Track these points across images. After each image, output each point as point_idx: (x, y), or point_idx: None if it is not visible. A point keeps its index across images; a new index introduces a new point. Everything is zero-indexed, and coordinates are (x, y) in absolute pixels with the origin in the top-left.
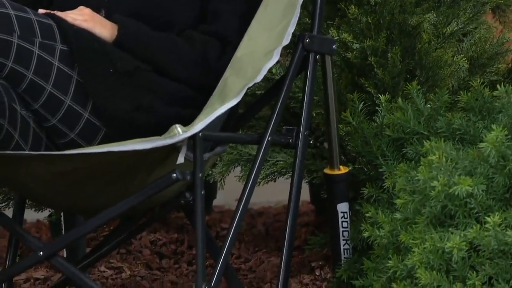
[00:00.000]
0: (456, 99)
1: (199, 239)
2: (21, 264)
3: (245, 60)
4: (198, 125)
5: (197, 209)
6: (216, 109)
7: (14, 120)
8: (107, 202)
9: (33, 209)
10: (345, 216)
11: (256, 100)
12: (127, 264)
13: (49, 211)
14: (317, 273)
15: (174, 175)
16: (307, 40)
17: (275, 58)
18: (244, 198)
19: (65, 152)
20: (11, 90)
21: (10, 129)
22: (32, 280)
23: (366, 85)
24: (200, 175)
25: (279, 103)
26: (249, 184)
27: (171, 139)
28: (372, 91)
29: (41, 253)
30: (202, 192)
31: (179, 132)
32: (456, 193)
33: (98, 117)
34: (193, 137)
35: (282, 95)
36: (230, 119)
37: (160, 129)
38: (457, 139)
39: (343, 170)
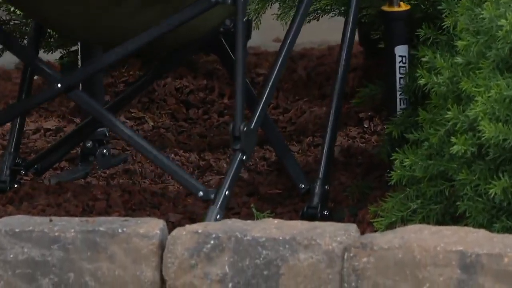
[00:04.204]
0: None
1: (239, 71)
2: (38, 97)
3: None
4: None
5: (238, 37)
6: None
7: None
8: (135, 31)
9: (43, 50)
10: (404, 61)
11: None
12: (150, 114)
13: (60, 52)
14: (366, 126)
15: None
16: None
17: None
18: (289, 39)
19: None
20: None
21: None
22: (42, 131)
23: None
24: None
25: None
26: (296, 22)
27: None
28: None
29: (59, 85)
30: (244, 19)
31: None
32: None
33: None
34: None
35: None
36: None
37: None
38: None
39: (404, 7)
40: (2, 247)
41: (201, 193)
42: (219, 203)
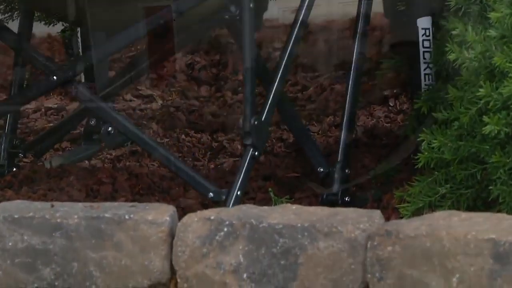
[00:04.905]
0: None
1: (247, 62)
2: (32, 90)
3: None
4: None
5: (245, 25)
6: None
7: None
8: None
9: (43, 22)
10: (427, 34)
11: None
12: (159, 92)
13: (63, 25)
14: (391, 104)
15: None
16: None
17: None
18: (303, 11)
19: None
20: None
21: None
22: (43, 110)
23: None
24: None
25: None
26: None
27: None
28: None
29: (54, 77)
30: (251, 5)
31: None
32: None
33: None
34: None
35: None
36: None
37: None
38: None
39: None
40: (1, 235)
41: (211, 194)
42: (231, 205)
